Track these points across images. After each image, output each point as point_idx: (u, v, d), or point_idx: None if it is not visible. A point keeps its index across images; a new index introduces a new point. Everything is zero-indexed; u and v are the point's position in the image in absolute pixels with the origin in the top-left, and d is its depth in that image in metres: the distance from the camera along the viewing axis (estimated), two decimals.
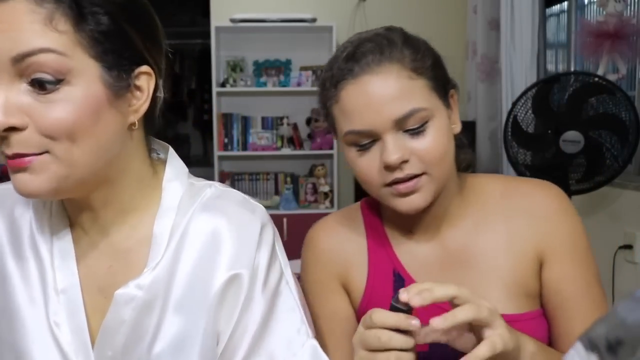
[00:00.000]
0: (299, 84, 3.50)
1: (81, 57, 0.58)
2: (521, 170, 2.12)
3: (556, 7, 2.97)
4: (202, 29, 4.38)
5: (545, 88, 2.05)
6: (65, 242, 0.67)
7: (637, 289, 0.43)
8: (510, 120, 2.09)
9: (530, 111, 2.07)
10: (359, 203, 0.90)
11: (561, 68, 2.91)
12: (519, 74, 2.75)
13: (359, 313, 0.83)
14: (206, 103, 5.06)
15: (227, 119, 3.55)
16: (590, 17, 2.69)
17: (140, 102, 0.64)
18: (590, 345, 0.40)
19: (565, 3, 2.84)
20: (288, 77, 3.55)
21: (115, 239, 0.67)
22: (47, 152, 0.58)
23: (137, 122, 0.64)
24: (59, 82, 0.57)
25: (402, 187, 0.74)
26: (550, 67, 3.00)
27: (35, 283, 0.66)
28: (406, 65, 0.74)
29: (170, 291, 0.65)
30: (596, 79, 2.03)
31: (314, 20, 3.38)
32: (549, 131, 2.05)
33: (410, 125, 0.73)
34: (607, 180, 2.06)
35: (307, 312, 0.71)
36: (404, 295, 0.61)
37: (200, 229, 0.67)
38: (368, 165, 0.75)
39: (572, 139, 2.00)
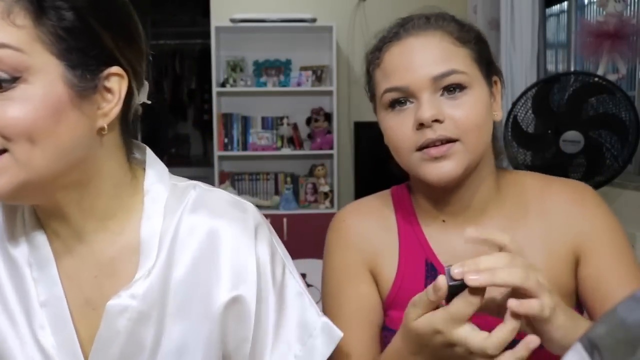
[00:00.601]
0: (299, 84, 3.50)
1: (41, 54, 0.55)
2: (521, 170, 2.12)
3: (556, 7, 2.97)
4: (202, 29, 4.39)
5: (545, 88, 2.05)
6: (43, 251, 0.63)
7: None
8: (510, 120, 2.09)
9: (530, 111, 2.07)
10: (389, 190, 0.88)
11: (561, 68, 2.91)
12: (519, 74, 2.75)
13: (388, 302, 0.82)
14: (206, 103, 5.06)
15: (227, 119, 3.55)
16: (590, 17, 2.69)
17: (111, 105, 0.60)
18: (590, 345, 0.41)
19: (565, 3, 2.84)
20: (288, 77, 3.55)
21: (97, 247, 0.64)
22: (6, 150, 0.55)
23: (106, 127, 0.60)
24: (15, 79, 0.54)
25: (434, 150, 0.73)
26: (550, 67, 3.00)
27: (11, 297, 0.63)
28: (451, 33, 0.76)
29: (166, 298, 0.63)
30: (596, 79, 2.03)
31: (314, 20, 3.38)
32: (549, 131, 2.05)
33: (448, 85, 0.73)
34: (607, 180, 2.06)
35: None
36: (458, 270, 0.57)
37: (193, 230, 0.64)
38: (402, 125, 0.75)
39: (572, 139, 2.00)
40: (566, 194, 0.81)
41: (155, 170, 0.67)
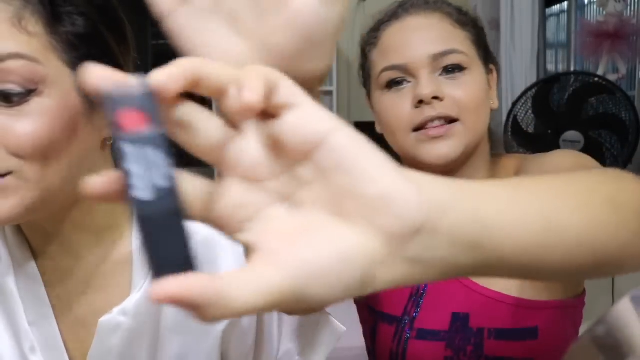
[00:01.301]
0: None
1: (55, 63, 0.51)
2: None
3: (556, 7, 2.97)
4: None
5: (545, 88, 2.05)
6: (30, 270, 0.59)
7: (636, 288, 0.43)
8: (510, 120, 2.09)
9: (530, 111, 2.07)
10: None
11: (561, 68, 2.91)
12: (519, 74, 2.75)
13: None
14: (206, 103, 5.06)
15: None
16: (591, 17, 2.69)
17: None
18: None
19: (565, 3, 2.84)
20: None
21: (89, 262, 0.60)
22: (9, 173, 0.50)
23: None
24: (29, 93, 0.49)
25: (433, 130, 0.71)
26: (550, 67, 3.00)
27: None
28: (450, 14, 0.75)
29: (161, 312, 0.59)
30: (596, 79, 2.03)
31: None
32: (549, 131, 2.05)
33: (448, 65, 0.72)
34: None
35: None
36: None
37: None
38: (399, 104, 0.73)
39: (572, 139, 2.00)
40: (546, 159, 0.75)
41: None
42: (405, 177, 0.28)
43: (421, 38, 0.73)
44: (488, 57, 0.79)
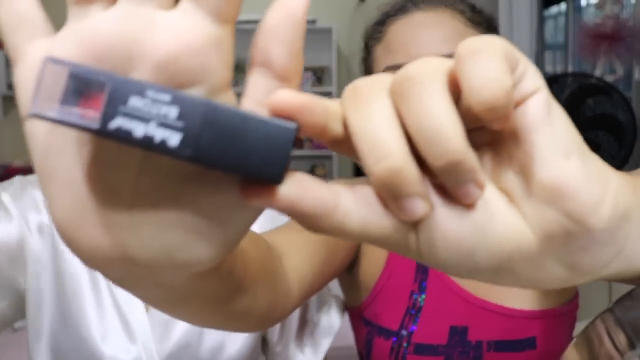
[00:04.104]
0: None
1: None
2: None
3: (554, 9, 2.99)
4: None
5: None
6: None
7: (634, 288, 0.44)
8: None
9: None
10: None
11: (559, 69, 2.92)
12: None
13: (373, 293, 0.77)
14: None
15: None
16: (588, 19, 2.71)
17: None
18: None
19: (563, 5, 2.86)
20: None
21: None
22: None
23: None
24: None
25: None
26: (548, 68, 3.01)
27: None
28: (462, 12, 0.70)
29: None
30: (593, 80, 2.05)
31: (313, 21, 3.39)
32: None
33: None
34: None
35: None
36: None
37: None
38: None
39: None
40: None
41: None
42: (591, 166, 0.23)
43: (430, 36, 0.67)
44: None
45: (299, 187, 0.21)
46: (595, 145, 2.03)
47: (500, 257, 0.23)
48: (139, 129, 0.19)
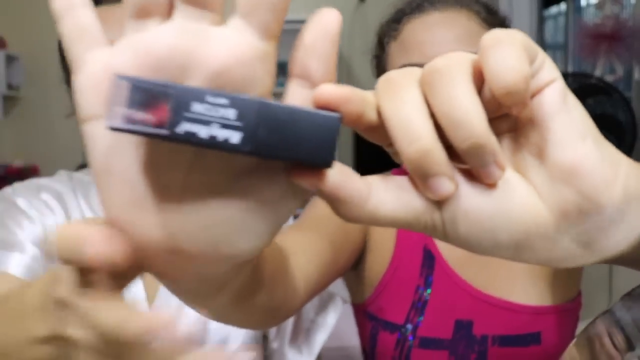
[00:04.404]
0: None
1: None
2: None
3: (554, 9, 2.99)
4: None
5: None
6: None
7: (634, 288, 0.44)
8: None
9: None
10: (389, 172, 0.82)
11: (559, 69, 2.92)
12: None
13: (380, 287, 0.77)
14: None
15: None
16: (588, 19, 2.71)
17: None
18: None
19: (563, 5, 2.86)
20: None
21: None
22: None
23: None
24: None
25: None
26: None
27: None
28: (478, 13, 0.71)
29: None
30: (593, 80, 2.05)
31: None
32: None
33: None
34: None
35: None
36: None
37: None
38: None
39: None
40: None
41: None
42: (604, 149, 0.25)
43: (445, 36, 0.68)
44: None
45: (342, 174, 0.24)
46: None
47: (519, 234, 0.25)
48: (203, 131, 0.21)
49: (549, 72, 0.25)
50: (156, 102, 0.21)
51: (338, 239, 0.68)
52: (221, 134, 0.21)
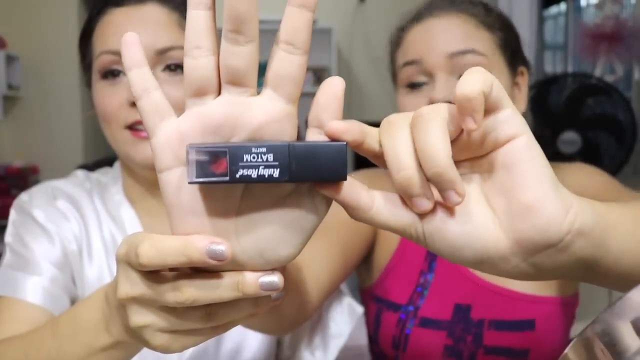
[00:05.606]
0: None
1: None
2: None
3: (554, 9, 2.99)
4: None
5: (543, 89, 2.07)
6: (135, 227, 0.75)
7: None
8: None
9: (528, 112, 2.09)
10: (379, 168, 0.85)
11: (559, 69, 2.92)
12: None
13: (387, 270, 0.81)
14: None
15: None
16: (588, 19, 2.71)
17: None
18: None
19: (563, 5, 2.86)
20: None
21: None
22: None
23: None
24: None
25: None
26: (548, 68, 3.01)
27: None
28: (475, 16, 0.75)
29: None
30: (593, 80, 2.05)
31: (313, 22, 3.39)
32: (547, 132, 2.07)
33: (465, 67, 0.71)
34: None
35: None
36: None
37: None
38: (415, 104, 0.74)
39: (569, 140, 2.02)
40: (565, 175, 0.78)
41: None
42: (558, 193, 0.31)
43: (440, 37, 0.74)
44: (517, 59, 0.79)
45: (353, 187, 0.33)
46: (595, 145, 2.03)
47: (481, 252, 0.32)
48: (253, 173, 0.31)
49: (518, 125, 0.32)
50: (217, 159, 0.30)
51: (348, 240, 0.75)
52: (266, 172, 0.31)
